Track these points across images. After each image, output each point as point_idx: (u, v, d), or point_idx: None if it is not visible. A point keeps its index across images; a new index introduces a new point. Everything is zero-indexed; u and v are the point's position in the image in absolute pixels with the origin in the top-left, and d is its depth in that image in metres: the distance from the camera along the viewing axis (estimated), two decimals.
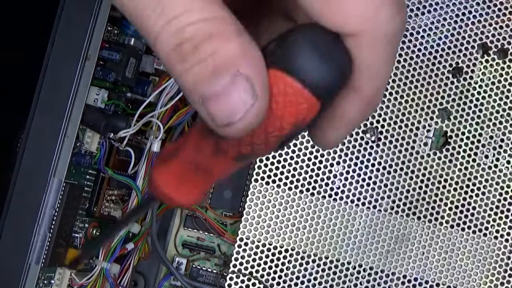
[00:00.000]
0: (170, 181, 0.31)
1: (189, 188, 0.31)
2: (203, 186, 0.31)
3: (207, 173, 0.30)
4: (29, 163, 0.49)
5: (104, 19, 0.50)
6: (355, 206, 0.54)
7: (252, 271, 0.54)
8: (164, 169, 0.31)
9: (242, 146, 0.28)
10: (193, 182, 0.31)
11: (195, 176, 0.30)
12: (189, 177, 0.30)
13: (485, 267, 0.53)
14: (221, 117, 0.26)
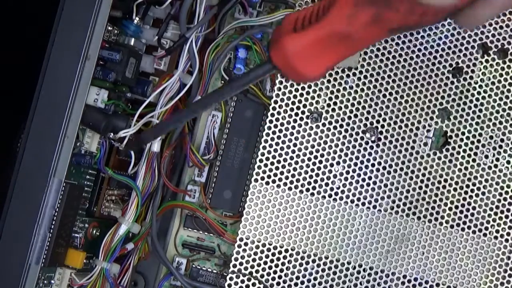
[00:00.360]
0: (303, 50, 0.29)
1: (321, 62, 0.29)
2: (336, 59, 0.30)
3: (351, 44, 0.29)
4: (29, 163, 0.49)
5: (104, 19, 0.50)
6: (355, 206, 0.54)
7: (252, 271, 0.54)
8: (299, 37, 0.29)
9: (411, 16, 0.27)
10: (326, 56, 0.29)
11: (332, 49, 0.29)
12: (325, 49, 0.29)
13: (485, 267, 0.53)
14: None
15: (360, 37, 0.28)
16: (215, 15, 0.57)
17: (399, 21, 0.27)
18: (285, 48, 0.29)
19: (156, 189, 0.58)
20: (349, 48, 0.29)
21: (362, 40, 0.29)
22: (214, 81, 0.60)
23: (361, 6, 0.28)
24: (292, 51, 0.29)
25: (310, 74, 0.29)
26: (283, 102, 0.54)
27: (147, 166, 0.56)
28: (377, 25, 0.28)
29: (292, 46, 0.29)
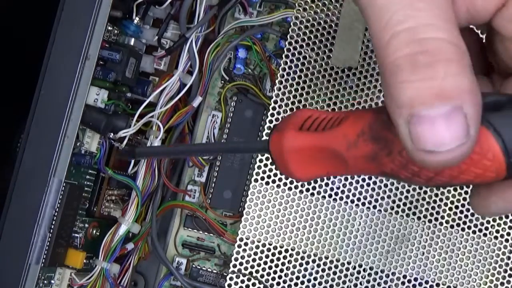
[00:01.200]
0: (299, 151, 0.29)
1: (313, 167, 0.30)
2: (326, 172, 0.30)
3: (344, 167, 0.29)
4: (29, 163, 0.49)
5: (104, 19, 0.50)
6: (355, 206, 0.54)
7: (252, 271, 0.54)
8: (300, 137, 0.29)
9: (403, 171, 0.27)
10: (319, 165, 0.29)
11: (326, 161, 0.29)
12: (320, 159, 0.29)
13: (485, 267, 0.53)
14: (425, 143, 0.25)
15: (354, 165, 0.29)
16: (215, 15, 0.57)
17: (391, 170, 0.27)
18: (284, 142, 0.30)
19: (156, 189, 0.58)
20: (341, 169, 0.29)
21: (355, 168, 0.29)
22: (214, 81, 0.60)
23: (362, 138, 0.28)
24: (289, 147, 0.30)
25: (297, 175, 0.30)
26: (283, 102, 0.54)
27: (147, 166, 0.56)
28: (372, 163, 0.28)
29: (291, 143, 0.30)
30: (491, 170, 0.26)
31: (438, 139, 0.25)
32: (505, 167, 0.26)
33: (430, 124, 0.25)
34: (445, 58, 0.24)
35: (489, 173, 0.26)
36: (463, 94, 0.24)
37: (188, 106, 0.57)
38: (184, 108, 0.58)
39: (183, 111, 0.57)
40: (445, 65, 0.24)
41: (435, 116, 0.24)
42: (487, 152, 0.26)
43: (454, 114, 0.24)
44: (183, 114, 0.57)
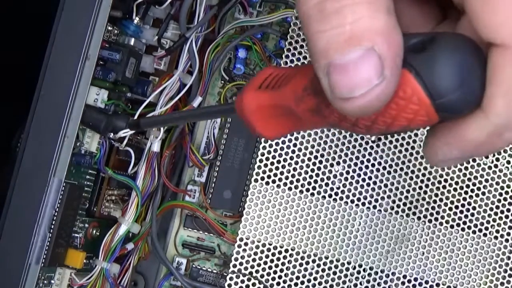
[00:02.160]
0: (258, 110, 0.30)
1: (274, 125, 0.30)
2: (288, 129, 0.30)
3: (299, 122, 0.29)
4: (29, 163, 0.49)
5: (104, 19, 0.50)
6: (355, 206, 0.54)
7: (252, 271, 0.54)
8: (258, 96, 0.30)
9: (343, 122, 0.27)
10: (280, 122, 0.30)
11: (285, 118, 0.30)
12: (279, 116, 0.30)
13: (485, 267, 0.53)
14: (341, 90, 0.25)
15: (305, 119, 0.29)
16: (215, 15, 0.58)
17: (334, 121, 0.28)
18: (244, 102, 0.30)
19: (156, 189, 0.58)
20: (297, 124, 0.30)
21: (307, 122, 0.29)
22: (214, 81, 0.60)
23: (307, 92, 0.28)
24: (249, 107, 0.30)
25: (264, 133, 0.31)
26: None
27: (147, 166, 0.56)
28: (318, 115, 0.28)
29: (250, 103, 0.30)
30: (421, 114, 0.25)
31: (351, 84, 0.24)
32: (434, 110, 0.25)
33: (344, 71, 0.24)
34: (352, 2, 0.24)
35: (420, 117, 0.26)
36: (374, 35, 0.24)
37: (188, 106, 0.57)
38: (184, 108, 0.58)
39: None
40: (353, 8, 0.24)
41: (348, 61, 0.24)
42: (411, 96, 0.25)
43: (365, 56, 0.24)
44: None
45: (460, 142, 0.27)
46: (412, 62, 0.25)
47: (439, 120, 0.26)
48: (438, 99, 0.25)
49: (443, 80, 0.25)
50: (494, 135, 0.26)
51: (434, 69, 0.25)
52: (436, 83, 0.25)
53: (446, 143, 0.27)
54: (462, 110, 0.26)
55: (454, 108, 0.25)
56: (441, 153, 0.28)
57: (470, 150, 0.27)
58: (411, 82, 0.25)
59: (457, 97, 0.25)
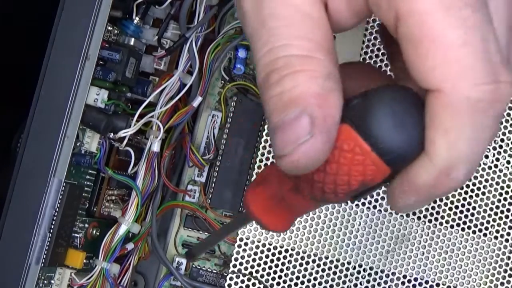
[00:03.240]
0: (259, 205, 0.31)
1: (275, 216, 0.32)
2: (288, 217, 0.32)
3: (290, 207, 0.31)
4: (29, 163, 0.49)
5: (104, 19, 0.50)
6: (355, 206, 0.54)
7: (252, 271, 0.54)
8: (256, 192, 0.32)
9: (313, 189, 0.28)
10: (278, 211, 0.31)
11: (280, 206, 0.31)
12: (275, 206, 0.31)
13: (485, 267, 0.53)
14: (277, 149, 0.27)
15: (291, 201, 0.30)
16: (215, 15, 0.57)
17: (310, 193, 0.29)
18: (246, 204, 0.32)
19: (156, 189, 0.58)
20: (290, 210, 0.31)
21: (295, 205, 0.31)
22: (214, 81, 0.60)
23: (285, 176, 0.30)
24: (251, 207, 0.32)
25: (274, 228, 0.33)
26: None
27: (147, 166, 0.56)
28: (299, 194, 0.29)
29: (250, 202, 0.32)
30: (368, 164, 0.27)
31: (283, 142, 0.27)
32: (377, 157, 0.26)
33: (280, 131, 0.27)
34: (292, 71, 0.27)
35: (369, 167, 0.27)
36: (307, 99, 0.26)
37: (188, 106, 0.57)
38: (184, 108, 0.58)
39: (183, 111, 0.57)
40: (292, 77, 0.27)
41: (284, 122, 0.27)
42: (354, 147, 0.27)
43: (297, 117, 0.26)
44: (183, 114, 0.57)
45: (413, 188, 0.28)
46: (352, 116, 0.27)
47: (390, 169, 0.27)
48: (376, 146, 0.26)
49: (376, 126, 0.26)
50: (442, 176, 0.27)
51: (368, 118, 0.26)
52: (371, 130, 0.26)
53: (402, 191, 0.28)
54: (404, 154, 0.27)
55: (395, 153, 0.26)
56: (401, 201, 0.29)
57: (425, 194, 0.28)
58: (351, 134, 0.27)
59: (393, 141, 0.26)
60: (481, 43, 0.25)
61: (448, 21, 0.25)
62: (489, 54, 0.25)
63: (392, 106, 0.26)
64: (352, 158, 0.27)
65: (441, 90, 0.25)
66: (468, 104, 0.25)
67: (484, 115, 0.25)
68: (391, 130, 0.26)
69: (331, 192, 0.28)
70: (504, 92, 0.25)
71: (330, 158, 0.27)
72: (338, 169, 0.27)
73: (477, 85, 0.25)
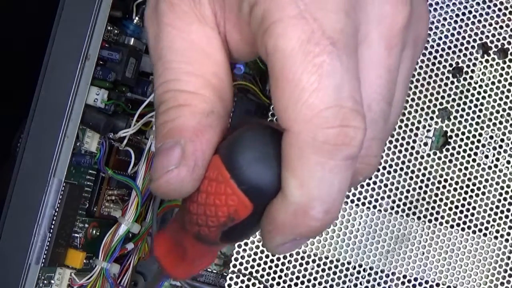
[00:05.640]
0: (163, 250, 0.32)
1: (176, 262, 0.32)
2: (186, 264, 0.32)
3: (185, 252, 0.31)
4: (29, 163, 0.49)
5: (104, 19, 0.50)
6: (355, 206, 0.54)
7: (252, 271, 0.54)
8: (159, 237, 0.32)
9: (191, 223, 0.29)
10: (178, 257, 0.32)
11: (179, 252, 0.32)
12: (175, 251, 0.32)
13: (485, 267, 0.53)
14: (152, 172, 0.29)
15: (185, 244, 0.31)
16: None
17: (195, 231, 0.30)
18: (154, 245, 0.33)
19: None
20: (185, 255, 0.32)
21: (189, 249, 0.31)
22: None
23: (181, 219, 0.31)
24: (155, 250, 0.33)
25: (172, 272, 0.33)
26: None
27: (147, 166, 0.56)
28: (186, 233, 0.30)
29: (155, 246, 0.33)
30: (228, 192, 0.28)
31: (155, 168, 0.29)
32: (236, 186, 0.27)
33: (157, 157, 0.29)
34: (176, 105, 0.29)
35: (231, 197, 0.28)
36: (183, 132, 0.28)
37: None
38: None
39: None
40: (175, 110, 0.29)
41: (161, 150, 0.29)
42: (218, 176, 0.28)
43: (172, 147, 0.28)
44: None
45: (275, 228, 0.28)
46: (221, 148, 0.29)
47: (252, 204, 0.28)
48: (234, 173, 0.27)
49: (236, 155, 0.28)
50: (299, 215, 0.27)
51: (230, 148, 0.28)
52: (231, 159, 0.28)
53: (268, 231, 0.28)
54: (260, 188, 0.27)
55: (251, 184, 0.27)
56: (269, 242, 0.29)
57: (288, 233, 0.28)
58: (217, 163, 0.28)
59: (249, 171, 0.27)
60: (333, 89, 0.26)
61: (304, 66, 0.26)
62: (340, 100, 0.26)
63: (252, 141, 0.28)
64: (216, 187, 0.28)
65: (290, 130, 0.26)
66: (314, 145, 0.26)
67: (331, 157, 0.26)
68: (249, 161, 0.27)
69: (204, 224, 0.29)
70: (352, 136, 0.26)
71: (201, 187, 0.28)
72: (206, 198, 0.28)
73: (324, 128, 0.26)
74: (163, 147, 0.29)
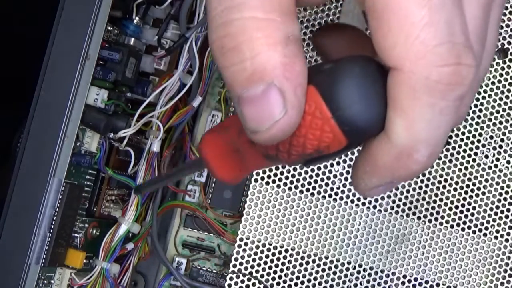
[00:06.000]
0: (214, 152, 0.31)
1: (228, 166, 0.31)
2: (240, 169, 0.31)
3: (243, 160, 0.30)
4: (29, 163, 0.49)
5: (104, 19, 0.50)
6: (355, 206, 0.54)
7: (252, 271, 0.54)
8: (213, 138, 0.31)
9: (268, 147, 0.28)
10: (232, 161, 0.31)
11: (234, 157, 0.30)
12: (228, 155, 0.31)
13: (485, 267, 0.53)
14: (250, 123, 0.26)
15: (246, 153, 0.30)
16: None
17: (266, 149, 0.29)
18: (200, 145, 0.32)
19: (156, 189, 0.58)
20: (243, 163, 0.31)
21: (248, 158, 0.30)
22: (214, 81, 0.60)
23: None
24: (204, 149, 0.31)
25: (219, 174, 0.32)
26: None
27: (147, 166, 0.56)
28: (254, 146, 0.29)
29: (205, 144, 0.31)
30: (326, 130, 0.26)
31: (256, 119, 0.26)
32: (335, 124, 0.26)
33: (249, 106, 0.25)
34: (249, 38, 0.25)
35: (326, 133, 0.26)
36: (273, 70, 0.25)
37: (188, 106, 0.57)
38: (184, 108, 0.58)
39: (183, 111, 0.57)
40: (250, 44, 0.25)
41: (252, 97, 0.25)
42: (315, 110, 0.26)
43: (266, 92, 0.25)
44: (183, 114, 0.57)
45: (374, 169, 0.27)
46: (320, 80, 0.26)
47: (347, 141, 0.27)
48: (336, 111, 0.26)
49: (341, 93, 0.26)
50: (403, 157, 0.26)
51: (334, 84, 0.26)
52: (335, 97, 0.26)
53: (364, 172, 0.28)
54: (362, 126, 0.26)
55: (353, 122, 0.26)
56: (363, 183, 0.28)
57: (387, 176, 0.27)
58: (315, 97, 0.26)
59: (355, 111, 0.26)
60: (445, 24, 0.24)
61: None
62: (453, 36, 0.24)
63: (361, 78, 0.26)
64: (311, 121, 0.26)
65: (400, 69, 0.25)
66: (427, 84, 0.24)
67: (443, 97, 0.25)
68: (356, 101, 0.26)
69: (285, 151, 0.27)
70: (465, 75, 0.25)
71: None
72: (296, 130, 0.27)
73: (437, 66, 0.24)
74: (254, 94, 0.25)
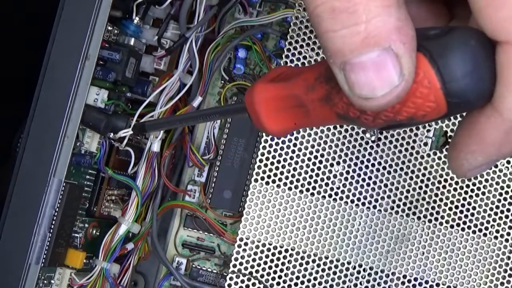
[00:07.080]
0: (267, 101, 0.30)
1: (282, 119, 0.30)
2: (296, 124, 0.30)
3: (307, 115, 0.29)
4: (29, 163, 0.49)
5: (104, 19, 0.50)
6: (355, 206, 0.54)
7: (252, 271, 0.54)
8: (268, 87, 0.30)
9: (351, 109, 0.27)
10: (289, 115, 0.30)
11: (294, 111, 0.30)
12: (287, 109, 0.30)
13: (485, 267, 0.53)
14: (361, 90, 0.25)
15: (313, 110, 0.29)
16: (215, 15, 0.57)
17: (342, 108, 0.28)
18: (253, 93, 0.30)
19: (156, 189, 0.58)
20: (305, 118, 0.30)
21: (315, 115, 0.29)
22: (214, 81, 0.60)
23: (319, 81, 0.28)
24: (257, 98, 0.30)
25: (269, 127, 0.31)
26: None
27: (147, 166, 0.56)
28: (327, 104, 0.28)
29: (259, 93, 0.30)
30: (430, 99, 0.25)
31: (371, 85, 0.25)
32: (442, 95, 0.25)
33: (362, 71, 0.25)
34: (363, 1, 0.24)
35: (428, 102, 0.26)
36: (389, 35, 0.24)
37: (188, 106, 0.57)
38: (184, 108, 0.58)
39: (183, 111, 0.57)
40: (366, 7, 0.24)
41: (366, 62, 0.24)
42: (423, 79, 0.25)
43: (383, 57, 0.24)
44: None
45: (481, 146, 0.26)
46: (428, 47, 0.25)
47: (446, 110, 0.26)
48: (448, 83, 0.25)
49: (454, 65, 0.25)
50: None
51: (447, 54, 0.25)
52: (447, 67, 0.25)
53: (469, 151, 0.27)
54: (471, 99, 0.26)
55: (463, 95, 0.25)
56: (467, 163, 0.27)
57: (494, 153, 0.27)
58: (424, 65, 0.25)
59: (466, 83, 0.25)
60: None
61: None
62: None
63: (477, 50, 0.25)
64: (415, 89, 0.25)
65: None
66: None
67: None
68: (469, 73, 0.25)
69: (372, 115, 0.26)
70: None
71: None
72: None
73: None
74: (368, 59, 0.24)
